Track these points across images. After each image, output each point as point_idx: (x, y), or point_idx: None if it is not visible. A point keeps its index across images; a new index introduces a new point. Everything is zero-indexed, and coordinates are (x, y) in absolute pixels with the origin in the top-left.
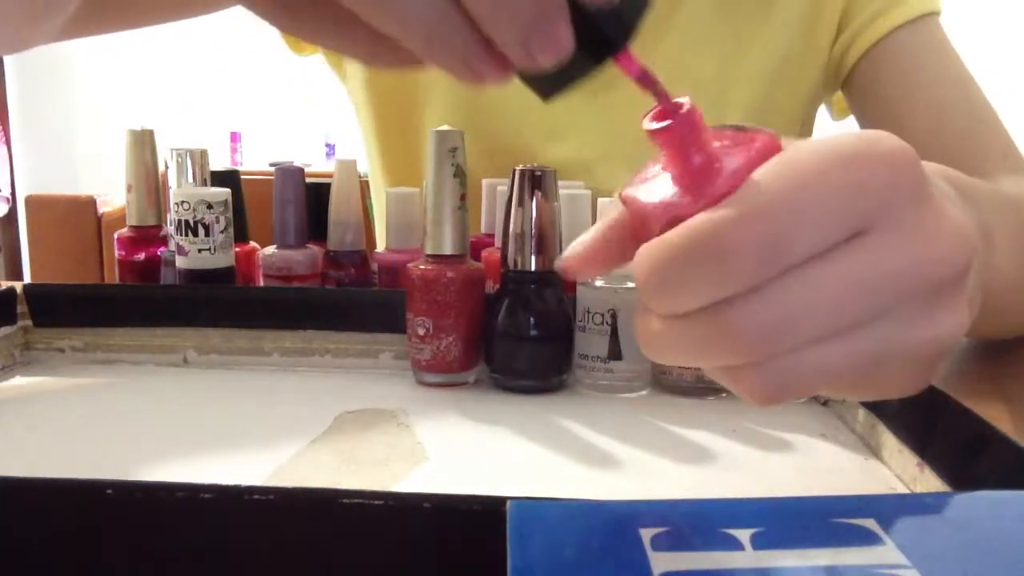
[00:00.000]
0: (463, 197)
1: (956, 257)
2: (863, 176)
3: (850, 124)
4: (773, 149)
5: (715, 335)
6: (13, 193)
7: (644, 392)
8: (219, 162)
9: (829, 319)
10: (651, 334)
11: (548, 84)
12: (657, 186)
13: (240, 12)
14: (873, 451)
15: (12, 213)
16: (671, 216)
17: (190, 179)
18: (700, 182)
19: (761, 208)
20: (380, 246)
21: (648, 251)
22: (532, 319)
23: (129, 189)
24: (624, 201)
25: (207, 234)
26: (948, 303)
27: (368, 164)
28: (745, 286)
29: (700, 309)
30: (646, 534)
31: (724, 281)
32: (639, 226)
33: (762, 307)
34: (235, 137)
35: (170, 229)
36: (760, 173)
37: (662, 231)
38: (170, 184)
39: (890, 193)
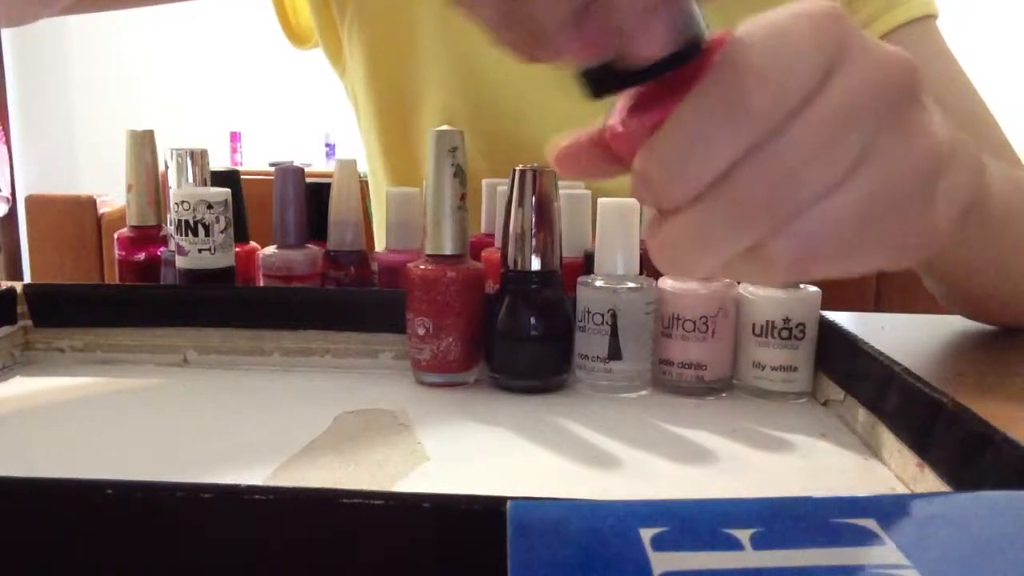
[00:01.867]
0: (463, 197)
1: (904, 70)
2: (820, 22)
3: None
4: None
5: (731, 205)
6: (13, 193)
7: (644, 392)
8: (219, 162)
9: (826, 159)
10: (667, 238)
11: (603, 84)
12: (638, 104)
13: (240, 11)
14: (873, 451)
15: (12, 213)
16: (666, 113)
17: (190, 179)
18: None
19: (758, 57)
20: (379, 246)
21: (656, 138)
22: (532, 319)
23: (129, 189)
24: (612, 131)
25: (207, 234)
26: (915, 122)
27: (367, 163)
28: (760, 132)
29: (711, 187)
30: (646, 534)
31: (739, 130)
32: (629, 145)
33: (768, 159)
34: (235, 137)
35: (170, 229)
36: (733, 48)
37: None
38: (170, 184)
39: (840, 34)
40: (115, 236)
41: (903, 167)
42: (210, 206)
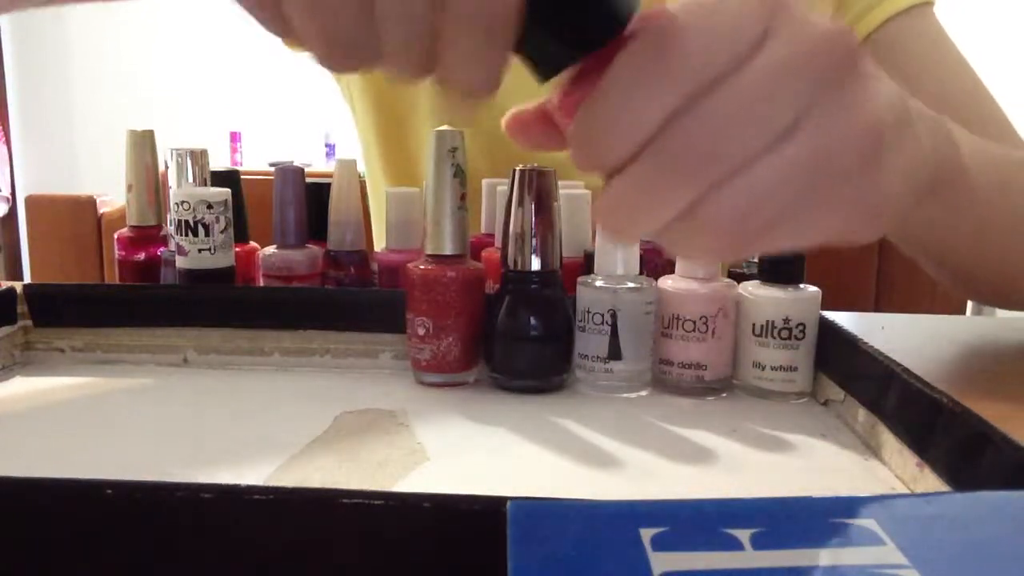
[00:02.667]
0: (463, 197)
1: (841, 43)
2: None
3: None
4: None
5: (663, 163)
6: (13, 193)
7: (644, 392)
8: (219, 162)
9: (756, 121)
10: (609, 198)
11: (546, 64)
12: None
13: (239, 11)
14: (873, 451)
15: (12, 213)
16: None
17: (190, 179)
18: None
19: (687, 19)
20: (377, 246)
21: (590, 100)
22: (532, 319)
23: (129, 189)
24: (553, 103)
25: (207, 234)
26: (851, 93)
27: (364, 163)
28: (686, 91)
29: (645, 145)
30: (646, 534)
31: (665, 90)
32: (569, 116)
33: (697, 118)
34: (235, 137)
35: (170, 229)
36: (665, 12)
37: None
38: (170, 184)
39: (776, 6)
40: (115, 236)
41: (838, 136)
42: (210, 206)
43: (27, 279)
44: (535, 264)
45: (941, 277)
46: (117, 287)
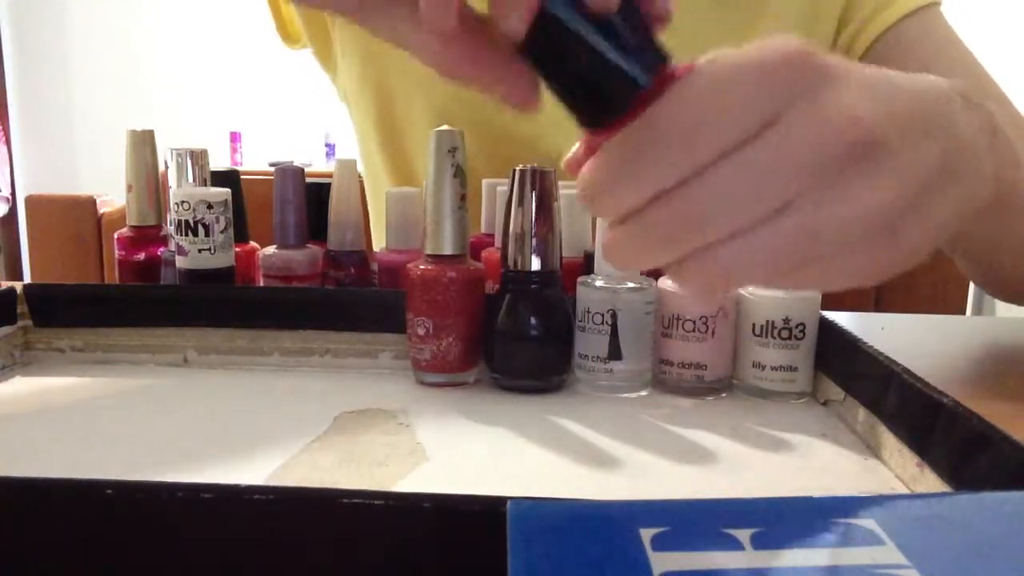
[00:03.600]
0: (463, 197)
1: (850, 132)
2: (776, 68)
3: None
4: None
5: (643, 231)
6: (13, 193)
7: (644, 392)
8: (219, 162)
9: (742, 206)
10: (606, 239)
11: (587, 118)
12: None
13: (240, 12)
14: (873, 451)
15: (12, 213)
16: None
17: (190, 179)
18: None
19: (690, 102)
20: (376, 245)
21: (591, 162)
22: (532, 319)
23: (129, 189)
24: (582, 148)
25: (207, 234)
26: (865, 176)
27: (363, 162)
28: (674, 176)
29: (634, 210)
30: (646, 534)
31: (656, 171)
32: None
33: (677, 201)
34: (235, 137)
35: (170, 229)
36: (680, 82)
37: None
38: (170, 184)
39: (795, 81)
40: (115, 236)
41: (836, 221)
42: (210, 206)
43: (27, 279)
44: (535, 264)
45: (977, 279)
46: (117, 287)
